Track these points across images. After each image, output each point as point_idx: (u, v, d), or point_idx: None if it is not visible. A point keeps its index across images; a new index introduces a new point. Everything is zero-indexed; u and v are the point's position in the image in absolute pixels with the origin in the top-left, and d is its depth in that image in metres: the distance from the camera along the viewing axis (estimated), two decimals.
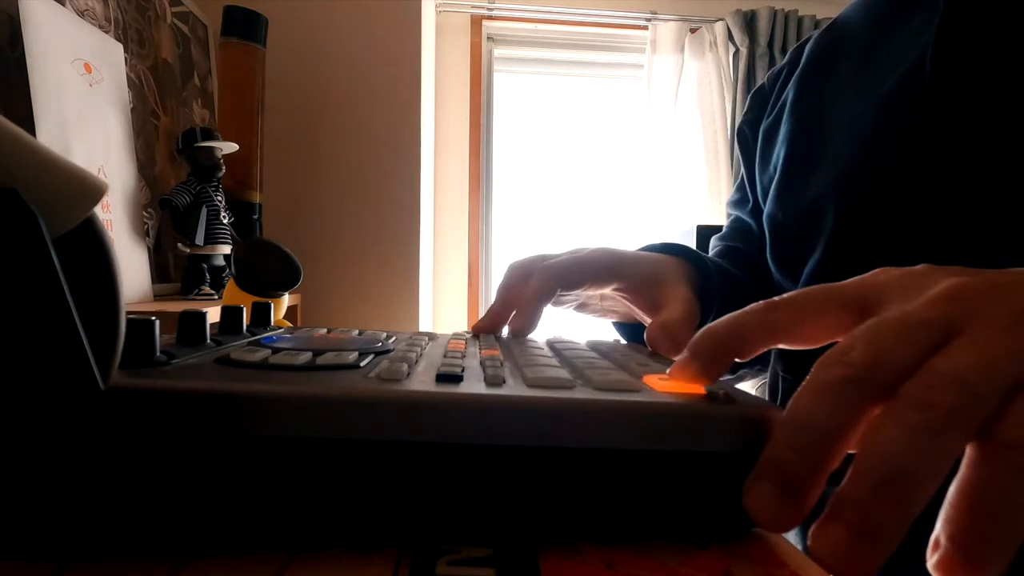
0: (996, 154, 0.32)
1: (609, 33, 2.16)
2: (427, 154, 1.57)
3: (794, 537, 0.40)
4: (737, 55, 2.08)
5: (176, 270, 1.08)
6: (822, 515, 0.16)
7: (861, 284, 0.21)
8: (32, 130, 0.71)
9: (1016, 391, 0.16)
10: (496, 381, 0.19)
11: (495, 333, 0.37)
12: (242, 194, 1.15)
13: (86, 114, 0.81)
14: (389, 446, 0.17)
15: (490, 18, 2.09)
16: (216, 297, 0.98)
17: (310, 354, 0.21)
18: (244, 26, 1.15)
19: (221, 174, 1.02)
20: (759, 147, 0.50)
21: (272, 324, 0.31)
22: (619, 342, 0.35)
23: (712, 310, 0.42)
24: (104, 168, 0.85)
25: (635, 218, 2.14)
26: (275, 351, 0.21)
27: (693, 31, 2.09)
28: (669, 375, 0.21)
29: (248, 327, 0.28)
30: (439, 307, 2.01)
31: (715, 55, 2.08)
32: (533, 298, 0.36)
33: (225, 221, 1.01)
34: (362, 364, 0.20)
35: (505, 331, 0.37)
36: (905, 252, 0.35)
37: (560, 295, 0.38)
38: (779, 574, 0.17)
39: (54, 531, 0.16)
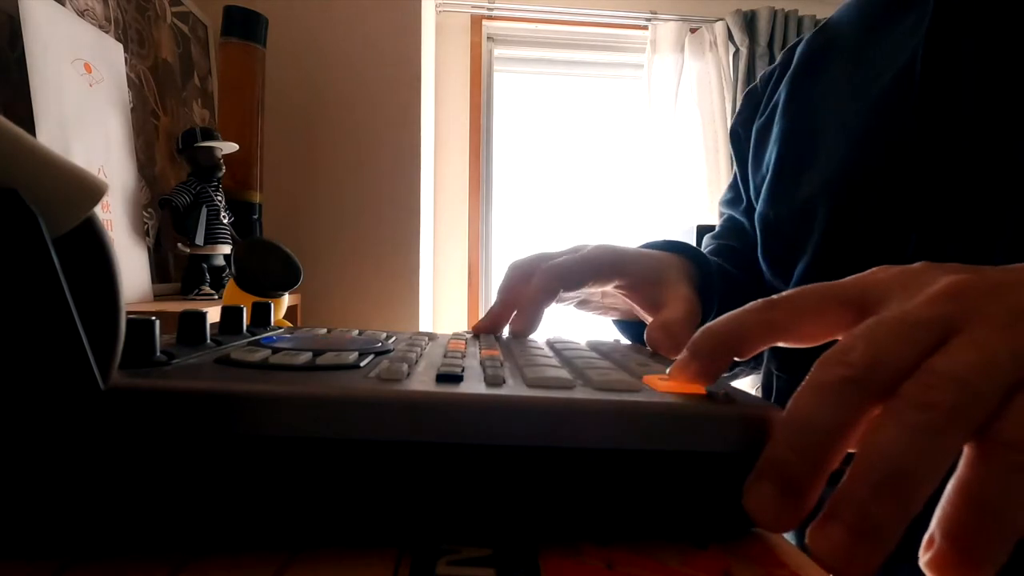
0: (987, 152, 0.32)
1: (609, 33, 2.16)
2: (427, 154, 1.57)
3: (791, 537, 0.40)
4: (737, 55, 2.08)
5: (176, 270, 1.08)
6: (821, 514, 0.16)
7: (860, 282, 0.21)
8: (32, 130, 0.71)
9: (1015, 390, 0.16)
10: (496, 381, 0.19)
11: (495, 333, 0.36)
12: (242, 194, 1.15)
13: (86, 114, 0.81)
14: (389, 446, 0.17)
15: (490, 18, 2.09)
16: (216, 297, 0.98)
17: (310, 354, 0.21)
18: (244, 26, 1.15)
19: (221, 174, 1.02)
20: (752, 147, 0.50)
21: (272, 324, 0.31)
22: (619, 342, 0.35)
23: (712, 308, 0.42)
24: (104, 168, 0.85)
25: (635, 218, 2.14)
26: (275, 351, 0.21)
27: (693, 31, 2.09)
28: (669, 375, 0.21)
29: (248, 327, 0.28)
30: (439, 307, 2.01)
31: (715, 55, 2.08)
32: (535, 299, 0.36)
33: (225, 221, 1.01)
34: (362, 364, 0.20)
35: (505, 332, 0.37)
36: (897, 251, 0.35)
37: (562, 295, 0.38)
38: (779, 574, 0.17)
39: (54, 531, 0.16)
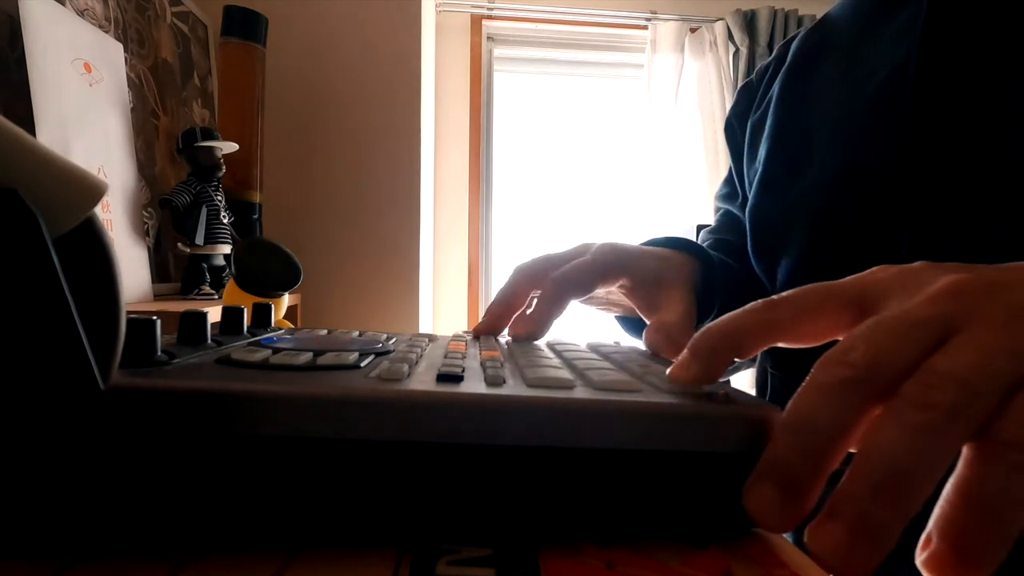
0: (981, 151, 0.32)
1: (609, 33, 2.16)
2: (427, 154, 1.57)
3: (792, 537, 0.40)
4: (737, 55, 2.08)
5: (176, 270, 1.08)
6: (821, 513, 0.16)
7: (860, 282, 0.21)
8: (32, 130, 0.71)
9: (1015, 389, 0.16)
10: (496, 381, 0.19)
11: (495, 335, 0.36)
12: (242, 194, 1.15)
13: (86, 114, 0.81)
14: (389, 446, 0.17)
15: (490, 18, 2.09)
16: (216, 297, 0.98)
17: (310, 354, 0.21)
18: (244, 26, 1.15)
19: (221, 174, 1.02)
20: (747, 141, 0.50)
21: (272, 324, 0.31)
22: (619, 343, 0.35)
23: (715, 303, 0.42)
24: (104, 168, 0.85)
25: (635, 218, 2.14)
26: (275, 351, 0.21)
27: (693, 31, 2.09)
28: (669, 376, 0.21)
29: (248, 327, 0.28)
30: (439, 307, 2.01)
31: (715, 55, 2.08)
32: (545, 308, 0.36)
33: (225, 221, 1.01)
34: (362, 364, 0.20)
35: (504, 336, 0.37)
36: (890, 250, 0.35)
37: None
38: (779, 574, 0.17)
39: (54, 531, 0.16)
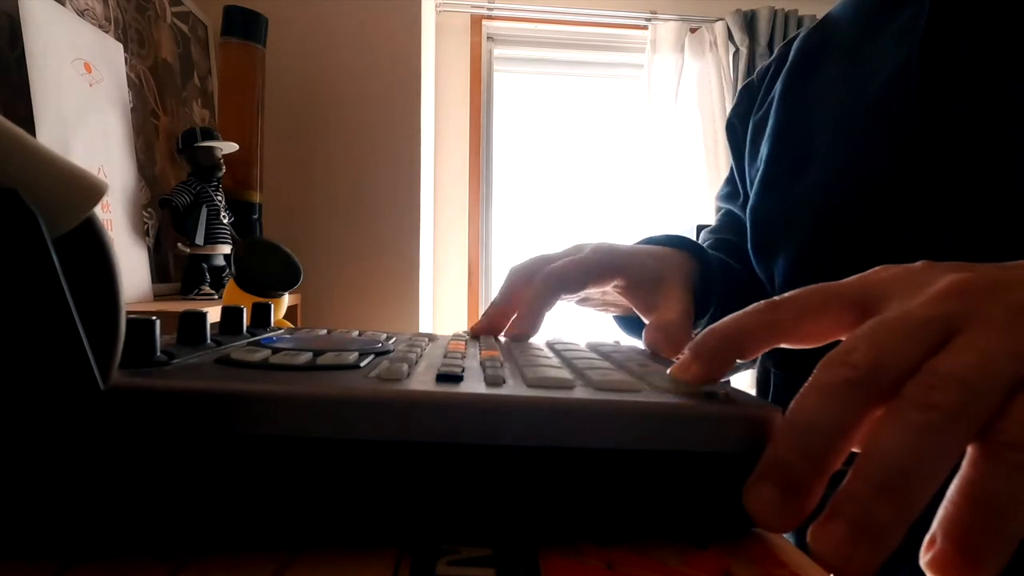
0: (983, 152, 0.32)
1: (609, 33, 2.16)
2: (427, 154, 1.57)
3: (792, 537, 0.39)
4: (737, 55, 2.08)
5: (176, 270, 1.08)
6: (823, 513, 0.16)
7: (861, 283, 0.21)
8: (32, 130, 0.71)
9: (1017, 390, 0.16)
10: (496, 381, 0.19)
11: (493, 335, 0.36)
12: (242, 194, 1.15)
13: (86, 114, 0.81)
14: (389, 446, 0.17)
15: (490, 18, 2.09)
16: (216, 297, 0.98)
17: (310, 354, 0.21)
18: (244, 26, 1.15)
19: (221, 174, 1.02)
20: (748, 140, 0.50)
21: (272, 324, 0.31)
22: (619, 343, 0.35)
23: (712, 302, 0.41)
24: (104, 168, 0.85)
25: (635, 218, 2.14)
26: (275, 351, 0.21)
27: (693, 31, 2.09)
28: (670, 375, 0.21)
29: (248, 327, 0.28)
30: (439, 307, 2.01)
31: (715, 55, 2.08)
32: (535, 303, 0.36)
33: (225, 221, 1.01)
34: (362, 364, 0.20)
35: (502, 337, 0.37)
36: (889, 250, 0.35)
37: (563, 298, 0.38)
38: (779, 574, 0.17)
39: (54, 531, 0.16)
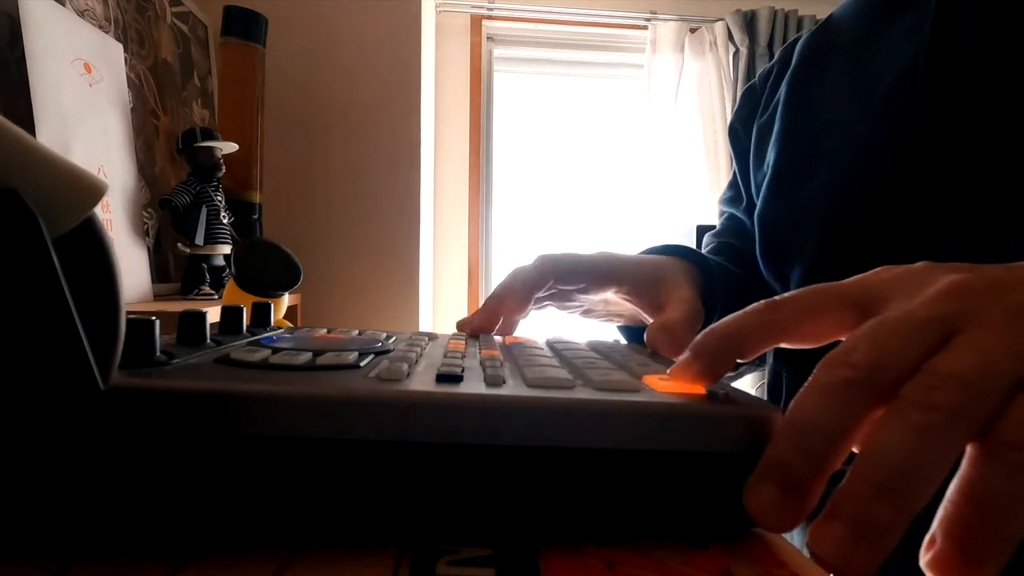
0: (993, 153, 0.32)
1: (609, 33, 2.15)
2: (427, 154, 1.57)
3: (793, 537, 0.39)
4: (737, 55, 2.08)
5: (176, 270, 1.08)
6: (822, 513, 0.16)
7: (862, 283, 0.21)
8: (32, 130, 0.71)
9: (1017, 390, 0.16)
10: (496, 381, 0.19)
11: (484, 332, 0.36)
12: (242, 194, 1.15)
13: (86, 114, 0.81)
14: (389, 446, 0.17)
15: (490, 18, 2.09)
16: (216, 297, 0.98)
17: (310, 354, 0.21)
18: (244, 26, 1.15)
19: (221, 174, 1.02)
20: (753, 145, 0.50)
21: (272, 324, 0.31)
22: (619, 342, 0.35)
23: (716, 309, 0.41)
24: (104, 168, 0.85)
25: (635, 218, 2.14)
26: (275, 351, 0.21)
27: (693, 31, 2.09)
28: (670, 375, 0.21)
29: (248, 327, 0.28)
30: (439, 307, 2.01)
31: (715, 55, 2.07)
32: (525, 282, 0.35)
33: (225, 221, 1.01)
34: (362, 364, 0.20)
35: (503, 340, 0.36)
36: (902, 253, 0.35)
37: (560, 289, 0.38)
38: (779, 574, 0.17)
39: (54, 531, 0.16)
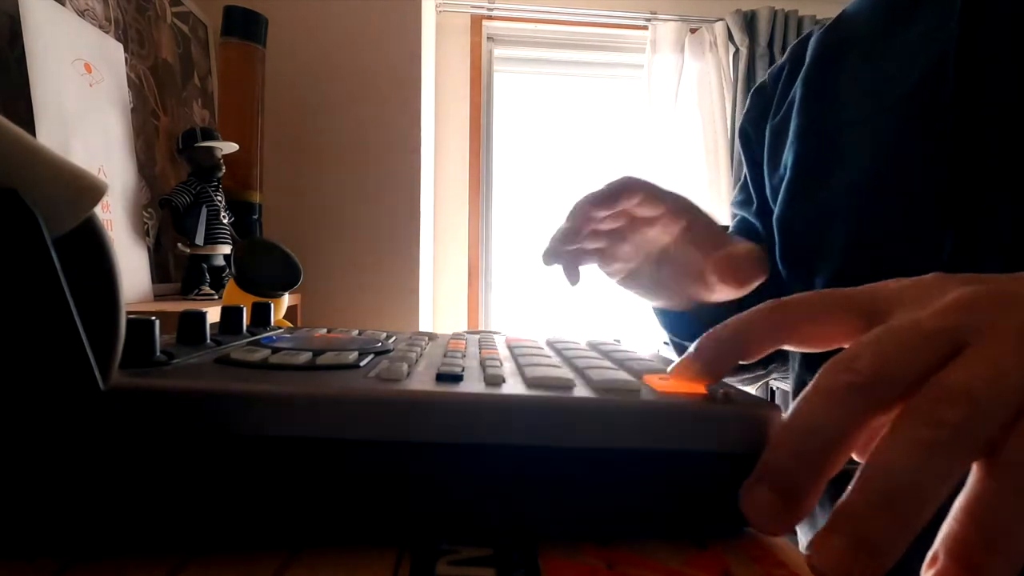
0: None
1: (609, 33, 2.16)
2: (427, 154, 1.57)
3: (797, 536, 0.39)
4: (737, 55, 2.08)
5: (176, 270, 1.08)
6: (823, 527, 0.16)
7: (872, 290, 0.20)
8: (32, 130, 0.71)
9: None
10: (496, 381, 0.19)
11: (571, 235, 0.46)
12: (242, 194, 1.15)
13: (86, 114, 0.81)
14: (389, 446, 0.17)
15: (490, 18, 2.09)
16: (216, 297, 0.98)
17: (310, 354, 0.21)
18: (244, 26, 1.15)
19: (221, 174, 1.02)
20: (767, 147, 0.49)
21: (272, 324, 0.31)
22: (619, 342, 0.35)
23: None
24: (104, 168, 0.85)
25: None
26: (275, 351, 0.21)
27: (693, 31, 2.09)
28: (671, 374, 0.21)
29: (248, 327, 0.28)
30: (439, 307, 2.01)
31: (715, 55, 2.08)
32: (615, 188, 0.44)
33: (225, 221, 1.01)
34: (362, 364, 0.20)
35: (501, 342, 0.36)
36: (932, 254, 0.34)
37: (634, 217, 0.44)
38: (779, 574, 0.17)
39: (54, 531, 0.16)
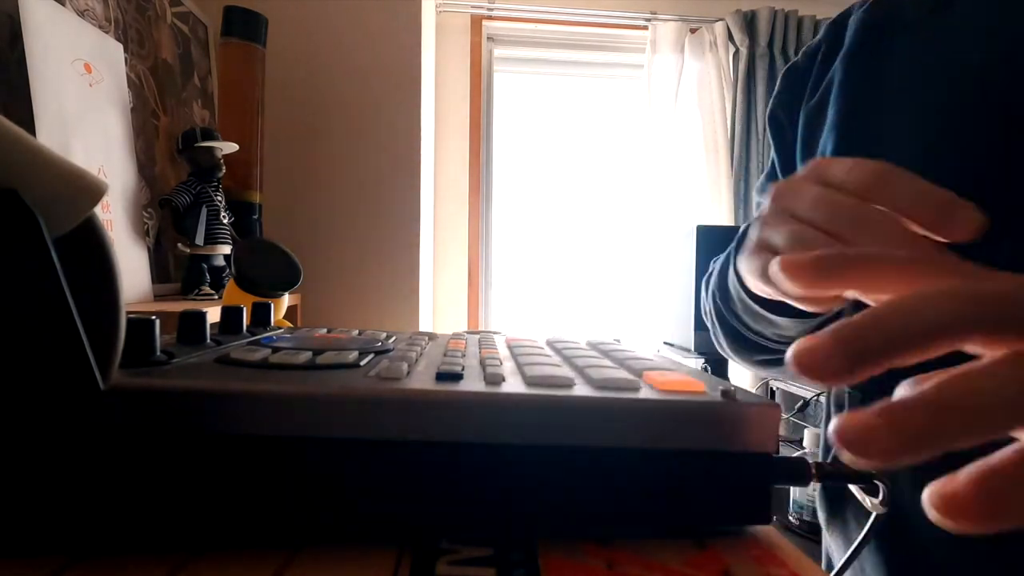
0: None
1: (609, 33, 2.15)
2: (427, 154, 1.57)
3: (790, 537, 0.39)
4: (737, 55, 2.08)
5: (176, 270, 1.08)
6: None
7: None
8: (32, 130, 0.71)
9: None
10: (495, 380, 0.19)
11: None
12: (242, 194, 1.15)
13: (86, 114, 0.81)
14: (389, 445, 0.17)
15: (490, 18, 2.09)
16: (216, 297, 0.98)
17: (310, 353, 0.21)
18: (244, 26, 1.15)
19: (221, 174, 1.02)
20: (801, 131, 0.47)
21: (272, 324, 0.31)
22: (619, 342, 0.35)
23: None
24: (104, 168, 0.85)
25: (635, 218, 2.14)
26: (275, 351, 0.21)
27: (693, 31, 2.09)
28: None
29: (248, 327, 0.28)
30: (439, 307, 2.01)
31: (715, 55, 2.07)
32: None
33: (225, 221, 1.01)
34: (362, 363, 0.20)
35: (501, 343, 0.33)
36: (987, 258, 0.33)
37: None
38: (779, 574, 0.17)
39: (55, 530, 0.16)
